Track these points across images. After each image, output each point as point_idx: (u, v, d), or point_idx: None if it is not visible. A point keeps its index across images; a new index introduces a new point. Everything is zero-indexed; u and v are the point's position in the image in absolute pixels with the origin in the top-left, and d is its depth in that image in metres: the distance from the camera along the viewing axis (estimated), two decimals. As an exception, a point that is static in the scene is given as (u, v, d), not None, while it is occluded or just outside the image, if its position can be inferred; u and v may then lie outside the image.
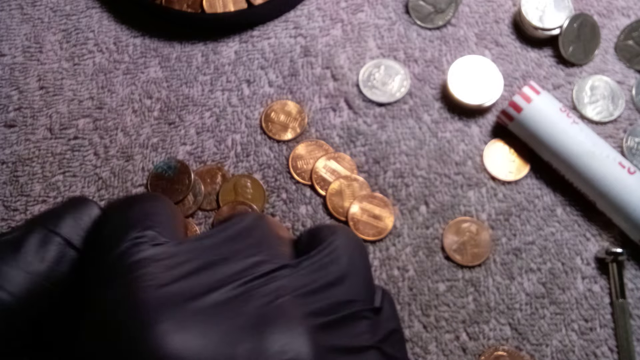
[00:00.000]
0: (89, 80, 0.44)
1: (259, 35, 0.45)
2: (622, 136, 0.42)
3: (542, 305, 0.39)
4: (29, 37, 0.45)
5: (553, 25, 0.43)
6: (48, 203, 0.41)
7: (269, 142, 0.43)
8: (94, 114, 0.43)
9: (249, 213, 0.24)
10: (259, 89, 0.44)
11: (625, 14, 0.45)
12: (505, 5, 0.45)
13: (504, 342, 0.39)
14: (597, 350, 0.38)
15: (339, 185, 0.41)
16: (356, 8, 0.45)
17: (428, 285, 0.40)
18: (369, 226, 0.40)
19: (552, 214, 0.41)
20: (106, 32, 0.45)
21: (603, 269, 0.40)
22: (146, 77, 0.44)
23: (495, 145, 0.42)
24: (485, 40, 0.45)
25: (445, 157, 0.42)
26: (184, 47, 0.45)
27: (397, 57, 0.44)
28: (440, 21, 0.45)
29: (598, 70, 0.44)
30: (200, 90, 0.44)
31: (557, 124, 0.40)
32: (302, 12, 0.45)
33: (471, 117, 0.43)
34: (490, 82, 0.42)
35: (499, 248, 0.40)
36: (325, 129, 0.43)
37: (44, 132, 0.43)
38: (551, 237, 0.40)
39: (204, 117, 0.43)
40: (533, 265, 0.40)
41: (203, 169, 0.42)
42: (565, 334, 0.39)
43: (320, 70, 0.44)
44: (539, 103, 0.40)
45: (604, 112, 0.42)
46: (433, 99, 0.43)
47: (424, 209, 0.41)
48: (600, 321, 0.39)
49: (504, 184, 0.42)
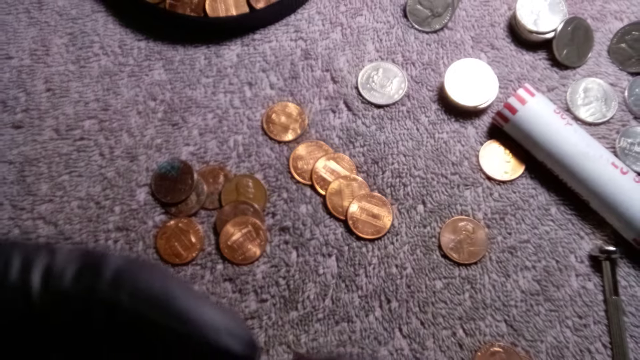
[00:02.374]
0: (95, 83, 0.45)
1: (261, 38, 0.46)
2: (615, 137, 0.43)
3: (537, 302, 0.40)
4: (35, 40, 0.46)
5: (547, 28, 0.44)
6: (54, 202, 0.42)
7: (270, 143, 0.43)
8: (100, 115, 0.44)
9: None
10: (261, 91, 0.45)
11: (618, 18, 0.46)
12: (501, 9, 0.46)
13: (499, 338, 0.39)
14: (591, 346, 0.39)
15: (339, 185, 0.42)
16: (355, 12, 0.46)
17: (425, 282, 0.40)
18: (367, 225, 0.41)
19: (547, 213, 0.42)
20: (111, 35, 0.46)
21: (597, 267, 0.41)
22: (150, 79, 0.45)
23: (491, 146, 0.43)
24: (481, 44, 0.46)
25: (442, 157, 0.43)
26: (187, 50, 0.46)
27: (395, 60, 0.45)
28: (437, 25, 0.46)
29: (591, 72, 0.45)
30: (203, 92, 0.45)
31: (552, 125, 0.40)
32: (303, 16, 0.46)
33: (467, 118, 0.44)
34: (486, 84, 0.43)
35: (494, 246, 0.41)
36: (325, 130, 0.44)
37: (50, 133, 0.44)
38: (546, 236, 0.41)
39: (206, 119, 0.44)
40: (528, 263, 0.41)
41: (206, 169, 0.43)
42: (559, 331, 0.39)
43: (320, 72, 0.45)
44: (534, 105, 0.41)
45: (597, 114, 0.43)
46: (430, 100, 0.44)
47: (421, 208, 0.42)
48: (594, 318, 0.40)
49: (500, 183, 0.42)
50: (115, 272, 0.16)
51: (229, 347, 0.17)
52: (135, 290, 0.16)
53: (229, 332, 0.17)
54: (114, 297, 0.16)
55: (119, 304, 0.16)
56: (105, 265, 0.16)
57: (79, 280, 0.16)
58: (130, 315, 0.16)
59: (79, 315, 0.16)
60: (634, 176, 0.40)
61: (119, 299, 0.16)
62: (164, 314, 0.16)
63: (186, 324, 0.16)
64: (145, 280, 0.17)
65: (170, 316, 0.16)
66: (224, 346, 0.16)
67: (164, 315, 0.16)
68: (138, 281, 0.16)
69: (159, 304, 0.16)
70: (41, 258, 0.16)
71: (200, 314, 0.16)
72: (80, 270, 0.16)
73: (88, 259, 0.17)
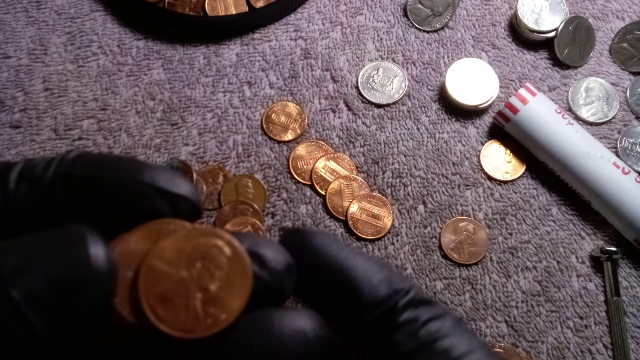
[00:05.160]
0: (93, 82, 0.45)
1: (260, 37, 0.46)
2: (616, 137, 0.43)
3: (538, 303, 0.40)
4: (34, 40, 0.46)
5: (549, 28, 0.44)
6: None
7: (269, 143, 0.43)
8: (98, 115, 0.44)
9: None
10: (260, 90, 0.44)
11: (619, 17, 0.46)
12: (502, 8, 0.46)
13: (500, 339, 0.39)
14: (592, 347, 0.39)
15: (339, 185, 0.42)
16: (355, 11, 0.46)
17: (426, 283, 0.40)
18: (368, 225, 0.41)
19: (548, 213, 0.42)
20: (110, 34, 0.46)
21: (598, 268, 0.40)
22: (149, 79, 0.45)
23: (492, 146, 0.43)
24: (482, 43, 0.45)
25: (443, 157, 0.43)
26: (186, 49, 0.45)
27: (395, 60, 0.45)
28: (437, 24, 0.45)
29: (593, 72, 0.44)
30: (202, 92, 0.44)
31: (553, 125, 0.40)
32: (303, 15, 0.46)
33: (468, 118, 0.44)
34: (487, 83, 0.43)
35: (495, 247, 0.41)
36: (325, 130, 0.43)
37: (48, 133, 0.44)
38: (547, 236, 0.41)
39: (206, 118, 0.44)
40: (529, 264, 0.41)
41: (205, 169, 0.43)
42: (560, 331, 0.39)
43: (320, 72, 0.45)
44: (535, 104, 0.41)
45: (598, 114, 0.43)
46: (431, 100, 0.44)
47: (421, 208, 0.42)
48: (595, 318, 0.40)
49: (501, 184, 0.42)
50: (77, 156, 0.19)
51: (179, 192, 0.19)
52: (90, 162, 0.19)
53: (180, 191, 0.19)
54: (69, 170, 0.18)
55: (73, 174, 0.18)
56: (69, 154, 0.19)
57: (46, 168, 0.18)
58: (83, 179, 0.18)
59: (43, 192, 0.18)
60: (635, 176, 0.40)
61: (73, 171, 0.18)
62: (117, 171, 0.19)
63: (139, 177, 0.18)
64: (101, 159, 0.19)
65: (121, 172, 0.19)
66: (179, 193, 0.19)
67: (117, 172, 0.18)
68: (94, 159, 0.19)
69: (113, 168, 0.19)
70: (19, 163, 0.19)
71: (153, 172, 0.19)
72: (49, 160, 0.19)
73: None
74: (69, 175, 0.18)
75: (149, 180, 0.18)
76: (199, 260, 0.17)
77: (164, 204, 0.18)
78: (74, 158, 0.19)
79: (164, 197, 0.18)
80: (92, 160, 0.19)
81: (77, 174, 0.18)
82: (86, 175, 0.18)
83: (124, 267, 0.17)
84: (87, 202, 0.18)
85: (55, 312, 0.15)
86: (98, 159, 0.19)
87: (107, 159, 0.19)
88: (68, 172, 0.18)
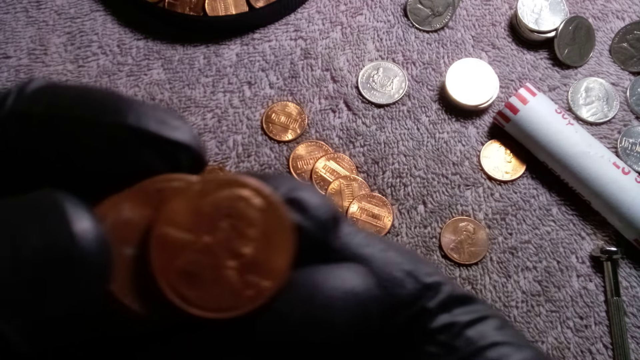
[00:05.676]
0: (93, 82, 0.45)
1: (260, 37, 0.46)
2: (616, 137, 0.43)
3: (538, 303, 0.40)
4: (34, 40, 0.46)
5: (549, 28, 0.44)
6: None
7: (269, 143, 0.43)
8: (98, 115, 0.44)
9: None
10: (260, 90, 0.44)
11: (619, 17, 0.46)
12: (502, 8, 0.46)
13: (500, 339, 0.39)
14: (592, 347, 0.39)
15: (339, 185, 0.42)
16: (355, 11, 0.46)
17: (426, 283, 0.40)
18: (368, 225, 0.41)
19: (548, 213, 0.42)
20: (110, 34, 0.46)
21: (598, 268, 0.40)
22: (149, 79, 0.45)
23: (492, 146, 0.43)
24: (482, 43, 0.45)
25: (443, 157, 0.43)
26: (186, 49, 0.45)
27: (395, 60, 0.45)
28: (437, 24, 0.45)
29: (593, 72, 0.44)
30: (202, 91, 0.44)
31: (553, 125, 0.40)
32: (303, 15, 0.46)
33: (468, 118, 0.44)
34: (487, 83, 0.43)
35: (495, 247, 0.41)
36: (325, 130, 0.43)
37: (48, 133, 0.44)
38: (547, 236, 0.41)
39: (206, 118, 0.44)
40: (529, 264, 0.41)
41: (205, 169, 0.43)
42: (560, 331, 0.39)
43: (320, 72, 0.45)
44: (535, 104, 0.41)
45: (598, 114, 0.43)
46: (431, 100, 0.44)
47: (422, 208, 0.42)
48: (595, 318, 0.40)
49: (501, 184, 0.42)
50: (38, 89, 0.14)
51: (173, 137, 0.14)
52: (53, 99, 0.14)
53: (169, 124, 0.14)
54: (28, 107, 0.14)
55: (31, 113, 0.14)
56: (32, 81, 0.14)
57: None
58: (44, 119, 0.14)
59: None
60: (635, 176, 0.40)
61: (32, 110, 0.14)
62: (91, 109, 0.14)
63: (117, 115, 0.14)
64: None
65: (97, 111, 0.14)
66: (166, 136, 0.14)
67: (91, 110, 0.14)
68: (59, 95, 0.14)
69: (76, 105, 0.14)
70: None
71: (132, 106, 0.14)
72: (4, 94, 0.14)
73: None
74: (27, 114, 0.13)
75: (134, 122, 0.13)
76: (224, 219, 0.14)
77: (156, 155, 0.14)
78: (35, 90, 0.14)
79: (156, 145, 0.14)
80: (58, 94, 0.14)
81: (37, 112, 0.14)
82: (50, 115, 0.13)
83: (120, 243, 0.13)
84: (52, 153, 0.13)
85: (30, 313, 0.11)
86: (67, 92, 0.14)
87: (79, 91, 0.14)
88: (26, 110, 0.14)
